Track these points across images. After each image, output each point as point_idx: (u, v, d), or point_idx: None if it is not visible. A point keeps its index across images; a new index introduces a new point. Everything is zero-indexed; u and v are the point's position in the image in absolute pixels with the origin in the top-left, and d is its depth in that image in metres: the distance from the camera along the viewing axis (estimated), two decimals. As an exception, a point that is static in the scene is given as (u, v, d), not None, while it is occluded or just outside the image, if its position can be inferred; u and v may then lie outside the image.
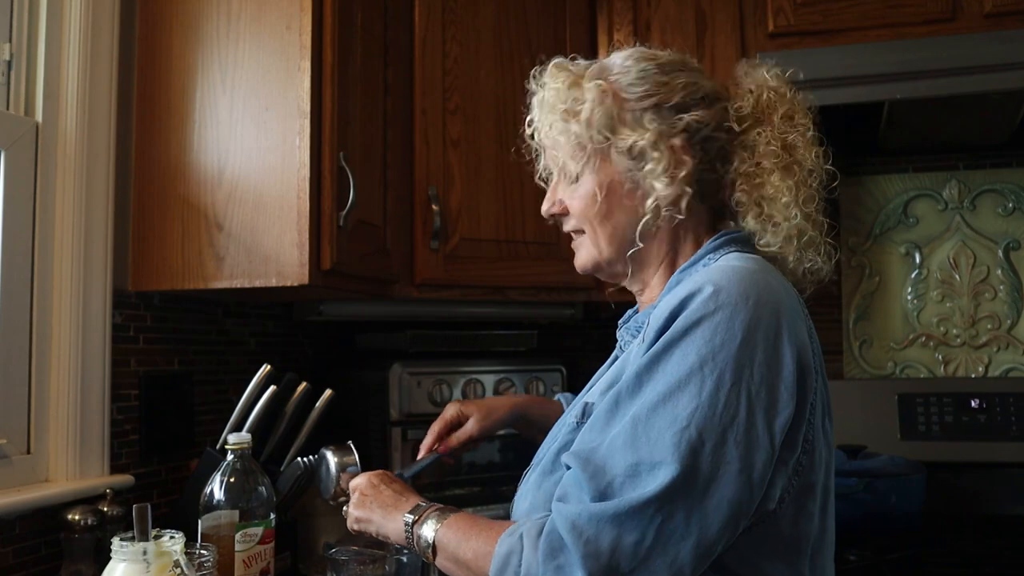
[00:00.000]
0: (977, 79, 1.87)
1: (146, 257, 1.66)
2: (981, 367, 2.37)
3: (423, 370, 2.01)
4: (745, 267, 0.97)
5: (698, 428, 0.87)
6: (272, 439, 1.68)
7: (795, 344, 0.92)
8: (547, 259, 2.06)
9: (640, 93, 1.07)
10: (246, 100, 1.62)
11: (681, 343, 0.91)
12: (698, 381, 0.88)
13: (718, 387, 0.88)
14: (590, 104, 1.07)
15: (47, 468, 1.52)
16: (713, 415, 0.87)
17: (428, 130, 1.93)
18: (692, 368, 0.89)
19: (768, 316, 0.91)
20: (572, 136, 1.08)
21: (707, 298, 0.91)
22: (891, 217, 2.44)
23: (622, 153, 1.06)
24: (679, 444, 0.86)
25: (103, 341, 1.60)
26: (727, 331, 0.89)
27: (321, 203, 1.59)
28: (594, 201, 1.09)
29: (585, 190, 1.10)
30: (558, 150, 1.11)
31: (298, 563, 1.77)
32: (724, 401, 0.88)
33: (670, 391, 0.89)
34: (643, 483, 0.86)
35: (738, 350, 0.89)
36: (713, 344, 0.89)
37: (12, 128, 1.49)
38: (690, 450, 0.86)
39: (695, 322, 0.91)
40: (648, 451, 0.87)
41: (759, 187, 1.06)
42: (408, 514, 1.08)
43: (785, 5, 2.05)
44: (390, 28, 1.87)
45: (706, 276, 0.95)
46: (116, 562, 1.04)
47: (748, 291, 0.92)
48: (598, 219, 1.10)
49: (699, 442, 0.86)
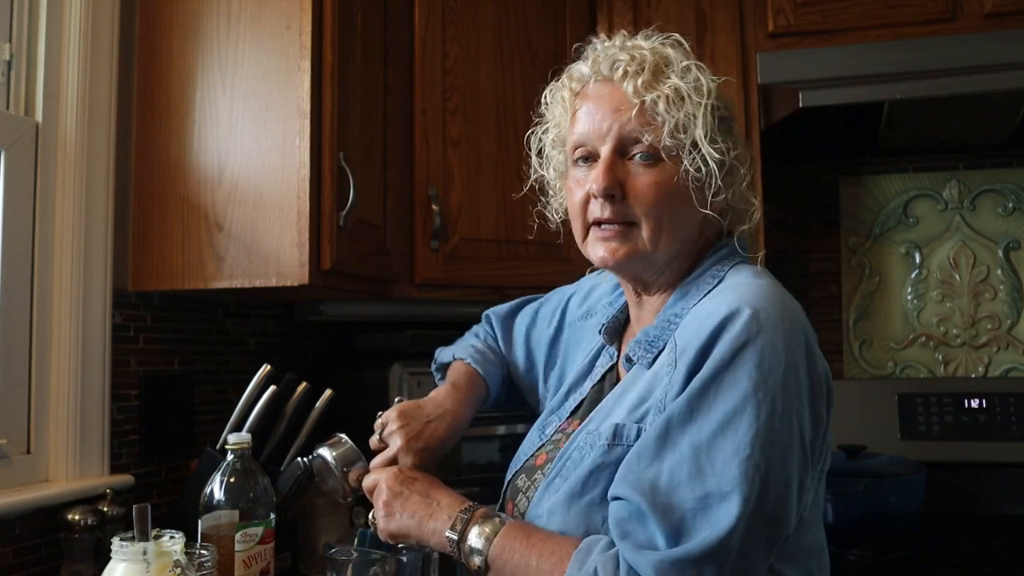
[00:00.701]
0: (977, 79, 1.87)
1: (146, 257, 1.66)
2: (981, 367, 2.37)
3: (423, 370, 2.01)
4: (766, 284, 0.99)
5: (763, 455, 0.87)
6: (272, 439, 1.68)
7: (821, 359, 0.96)
8: (547, 259, 2.05)
9: (723, 104, 1.07)
10: (246, 100, 1.62)
11: (731, 368, 0.90)
12: (753, 407, 0.89)
13: (772, 412, 0.89)
14: (708, 91, 1.02)
15: (47, 468, 1.52)
16: (772, 440, 0.88)
17: (428, 130, 1.93)
18: (746, 394, 0.89)
19: (801, 335, 0.94)
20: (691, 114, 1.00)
21: (748, 321, 0.91)
22: (891, 217, 2.44)
23: (720, 155, 1.01)
24: (747, 473, 0.86)
25: (103, 341, 1.60)
26: (772, 355, 0.90)
27: (321, 203, 1.59)
28: (678, 192, 1.02)
29: (669, 176, 1.02)
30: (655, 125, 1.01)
31: (298, 563, 1.77)
32: (779, 426, 0.89)
33: (728, 419, 0.89)
34: (716, 516, 0.86)
35: (784, 373, 0.90)
36: (763, 369, 0.90)
37: (12, 128, 1.49)
38: (757, 478, 0.87)
39: (741, 346, 0.91)
40: (716, 482, 0.87)
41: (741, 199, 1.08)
42: (450, 532, 1.02)
43: (785, 5, 2.05)
44: (390, 28, 1.87)
45: (737, 296, 0.95)
46: (116, 562, 1.04)
47: (783, 312, 0.94)
48: (671, 213, 1.03)
49: (764, 469, 0.87)
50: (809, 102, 1.96)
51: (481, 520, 1.01)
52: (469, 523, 1.01)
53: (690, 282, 1.06)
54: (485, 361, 1.36)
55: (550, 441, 1.17)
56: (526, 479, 1.13)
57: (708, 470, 0.88)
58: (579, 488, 0.99)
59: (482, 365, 1.36)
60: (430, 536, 1.04)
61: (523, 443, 1.23)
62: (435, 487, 1.09)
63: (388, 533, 1.09)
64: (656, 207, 1.02)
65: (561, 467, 1.05)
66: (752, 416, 0.88)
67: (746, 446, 0.87)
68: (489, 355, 1.39)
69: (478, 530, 1.00)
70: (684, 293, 1.05)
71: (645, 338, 1.05)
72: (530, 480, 1.12)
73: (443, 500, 1.06)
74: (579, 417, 1.15)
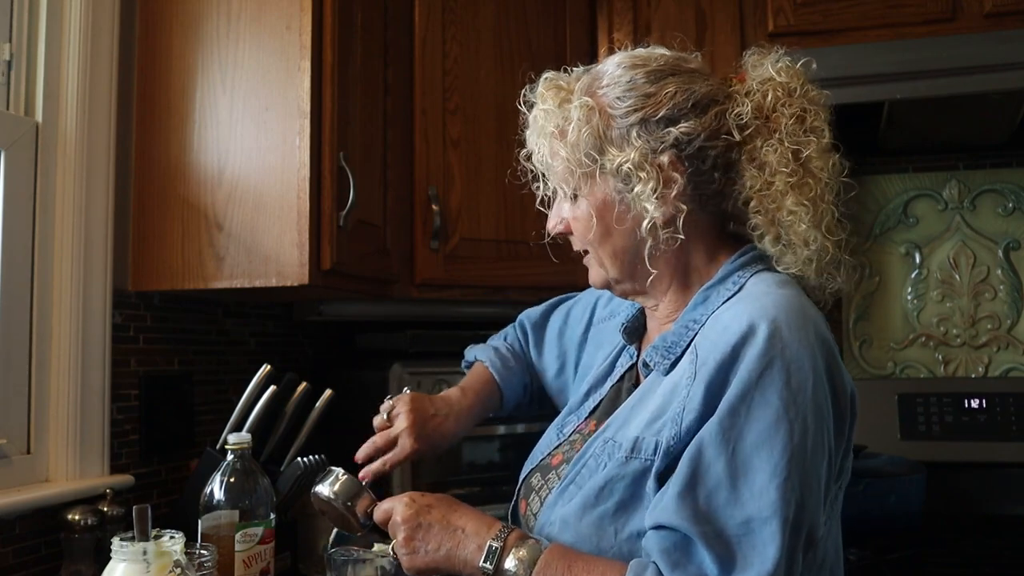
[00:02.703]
0: (977, 79, 1.87)
1: (146, 257, 1.66)
2: (981, 367, 2.37)
3: (423, 370, 2.01)
4: (788, 294, 0.97)
5: (798, 475, 0.87)
6: (272, 439, 1.68)
7: (846, 374, 0.95)
8: (547, 259, 2.05)
9: (625, 108, 1.02)
10: (246, 100, 1.62)
11: (759, 388, 0.89)
12: (786, 427, 0.88)
13: (805, 431, 0.88)
14: (576, 124, 1.03)
15: (47, 468, 1.52)
16: (805, 460, 0.88)
17: (428, 130, 1.93)
18: (778, 414, 0.88)
19: (825, 349, 0.93)
20: (562, 159, 1.05)
21: (771, 336, 0.90)
22: (891, 217, 2.44)
23: (611, 174, 1.02)
24: (785, 496, 0.86)
25: (103, 341, 1.60)
26: (800, 371, 0.89)
27: (321, 203, 1.59)
28: (590, 224, 1.05)
29: (581, 212, 1.07)
30: (551, 173, 1.09)
31: (298, 563, 1.77)
32: (811, 445, 0.88)
33: (761, 440, 0.88)
34: (762, 541, 0.85)
35: (813, 389, 0.89)
36: (792, 387, 0.89)
37: (12, 128, 1.49)
38: (794, 499, 0.86)
39: (768, 364, 0.89)
40: (756, 506, 0.86)
41: (775, 211, 1.01)
42: (484, 562, 0.97)
43: (785, 5, 2.05)
44: (390, 28, 1.87)
45: (758, 307, 0.93)
46: (116, 562, 1.04)
47: (805, 324, 0.92)
48: (597, 241, 1.07)
49: (800, 490, 0.87)
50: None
51: (516, 545, 0.97)
52: (503, 552, 0.97)
53: (711, 287, 1.04)
54: (504, 367, 1.39)
55: (567, 441, 1.16)
56: (540, 478, 1.12)
57: (747, 494, 0.87)
58: (593, 499, 0.98)
59: (500, 371, 1.38)
60: (461, 567, 1.00)
61: (541, 440, 1.22)
62: (454, 511, 1.04)
63: (415, 571, 1.03)
64: (583, 239, 1.09)
65: (576, 474, 1.03)
66: (786, 436, 0.88)
67: (783, 468, 0.87)
68: (510, 361, 1.40)
69: (514, 559, 0.96)
70: (704, 298, 1.03)
71: (663, 344, 1.03)
72: (544, 480, 1.11)
73: (468, 526, 1.01)
74: (597, 418, 1.14)
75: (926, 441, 2.23)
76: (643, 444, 0.96)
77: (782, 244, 1.02)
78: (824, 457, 0.91)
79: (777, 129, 1.02)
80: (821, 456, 0.90)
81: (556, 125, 1.05)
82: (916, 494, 1.99)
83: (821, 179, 1.02)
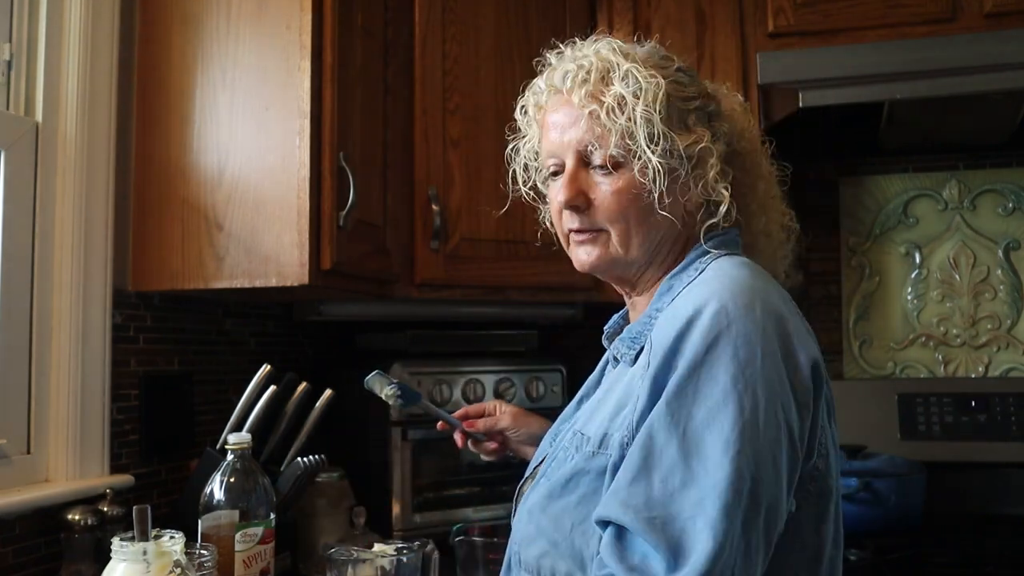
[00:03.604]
0: (977, 79, 1.87)
1: (146, 257, 1.66)
2: (981, 367, 2.37)
3: (423, 370, 2.01)
4: (741, 274, 0.96)
5: (752, 448, 0.85)
6: (272, 439, 1.68)
7: (805, 347, 0.92)
8: (547, 259, 2.05)
9: (689, 93, 1.04)
10: (246, 100, 1.62)
11: (705, 364, 0.88)
12: (735, 400, 0.86)
13: (756, 404, 0.86)
14: (658, 91, 1.00)
15: (47, 468, 1.52)
16: (757, 434, 0.85)
17: (428, 130, 1.93)
18: (726, 388, 0.86)
19: (775, 322, 0.91)
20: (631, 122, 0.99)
21: (716, 313, 0.89)
22: (891, 217, 2.44)
23: (677, 152, 1.01)
24: (739, 469, 0.84)
25: (103, 341, 1.60)
26: (747, 345, 0.88)
27: (321, 203, 1.59)
28: (640, 198, 1.01)
29: (629, 183, 1.02)
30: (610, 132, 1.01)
31: (298, 563, 1.77)
32: (764, 418, 0.86)
33: (711, 415, 0.86)
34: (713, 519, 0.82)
35: (762, 363, 0.87)
36: (739, 360, 0.87)
37: (12, 128, 1.49)
38: (749, 474, 0.84)
39: (713, 341, 0.88)
40: (710, 481, 0.84)
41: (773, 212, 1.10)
42: None
43: (785, 5, 2.05)
44: (390, 28, 1.87)
45: (707, 291, 0.93)
46: (116, 562, 1.04)
47: (753, 301, 0.91)
48: (635, 217, 1.03)
49: (754, 464, 0.84)
50: (809, 102, 1.96)
51: None
52: None
53: (674, 276, 1.04)
54: None
55: None
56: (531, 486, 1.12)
57: (700, 471, 0.85)
58: (557, 490, 0.98)
59: None
60: None
61: (537, 452, 1.22)
62: None
63: None
64: (619, 214, 1.03)
65: (547, 467, 1.05)
66: (735, 410, 0.85)
67: (734, 441, 0.84)
68: None
69: None
70: (669, 287, 1.03)
71: (628, 335, 1.05)
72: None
73: None
74: None
75: (926, 441, 2.23)
76: (609, 440, 0.96)
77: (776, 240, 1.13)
78: (781, 431, 0.87)
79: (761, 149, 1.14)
80: (776, 430, 0.87)
81: (628, 87, 1.00)
82: (916, 494, 1.99)
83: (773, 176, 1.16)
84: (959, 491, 2.20)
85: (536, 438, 1.31)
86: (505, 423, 1.37)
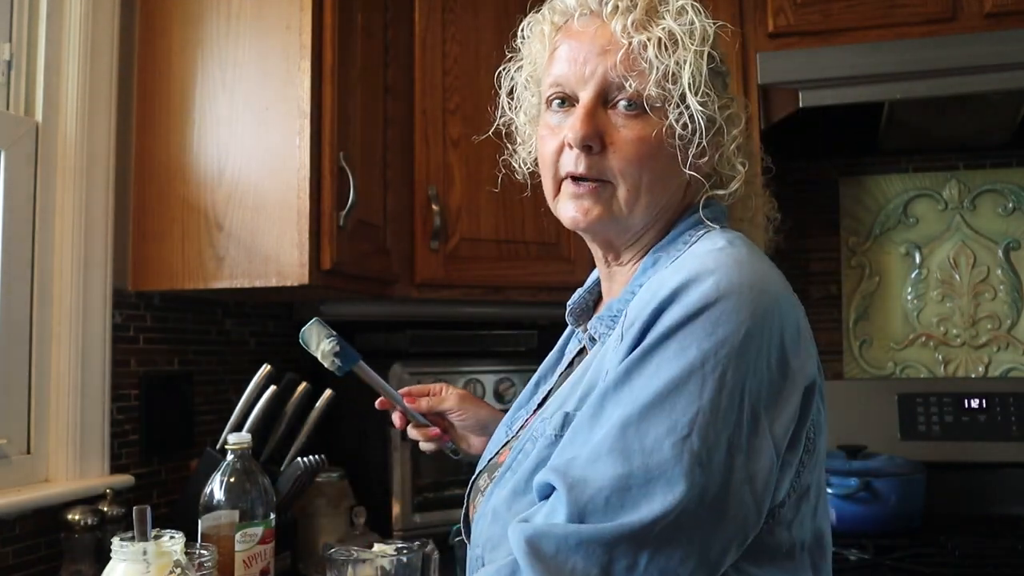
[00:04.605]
0: (977, 79, 1.87)
1: (146, 257, 1.67)
2: (981, 367, 2.37)
3: (423, 370, 2.01)
4: (737, 250, 0.86)
5: (701, 436, 0.75)
6: (272, 439, 1.68)
7: (798, 333, 0.83)
8: (547, 259, 2.05)
9: (720, 55, 0.94)
10: (246, 100, 1.62)
11: (678, 335, 0.78)
12: (698, 380, 0.76)
13: (720, 387, 0.76)
14: (704, 35, 0.90)
15: (47, 468, 1.52)
16: (716, 420, 0.75)
17: (428, 130, 1.93)
18: (692, 365, 0.76)
19: (770, 304, 0.80)
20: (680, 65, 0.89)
21: (708, 287, 0.79)
22: (891, 217, 2.44)
23: (708, 111, 0.90)
24: (681, 456, 0.74)
25: (103, 341, 1.60)
26: (730, 323, 0.77)
27: (321, 203, 1.59)
28: (660, 151, 0.90)
29: (653, 131, 0.90)
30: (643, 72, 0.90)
31: (298, 563, 1.77)
32: (727, 403, 0.76)
33: (667, 391, 0.76)
34: (635, 502, 0.74)
35: (741, 344, 0.77)
36: (715, 337, 0.77)
37: (12, 128, 1.49)
38: (694, 462, 0.74)
39: (694, 313, 0.78)
40: (642, 462, 0.75)
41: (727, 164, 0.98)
42: None
43: (785, 5, 2.05)
44: (390, 28, 1.87)
45: (699, 263, 0.83)
46: (116, 562, 1.04)
47: (749, 278, 0.81)
48: (654, 174, 0.91)
49: (703, 452, 0.75)
50: (809, 102, 1.96)
51: None
52: None
53: (660, 248, 0.94)
54: None
55: (515, 437, 1.05)
56: (487, 478, 1.03)
57: (636, 448, 0.75)
58: (522, 485, 0.88)
59: None
60: None
61: (489, 442, 1.13)
62: None
63: None
64: (637, 164, 0.91)
65: (513, 460, 0.94)
66: (695, 390, 0.76)
67: (684, 426, 0.75)
68: None
69: None
70: (654, 260, 0.94)
71: (608, 312, 0.95)
72: (490, 479, 1.02)
73: None
74: None
75: (926, 441, 2.23)
76: (571, 420, 0.86)
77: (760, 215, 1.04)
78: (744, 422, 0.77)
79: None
80: (739, 419, 0.77)
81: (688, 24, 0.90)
82: (916, 494, 1.99)
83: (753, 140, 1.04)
84: (959, 491, 2.20)
85: (482, 425, 1.25)
86: (450, 404, 1.25)
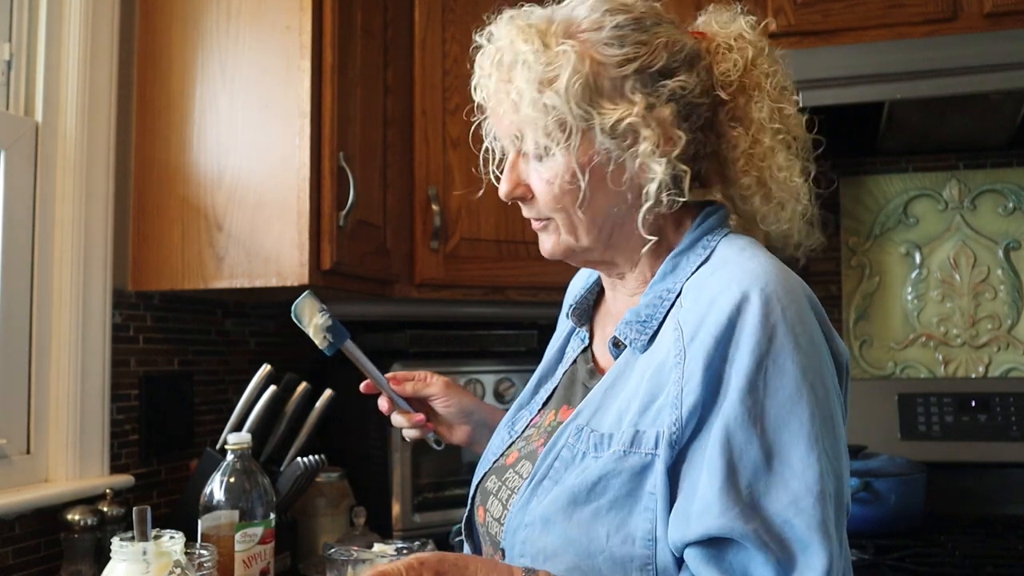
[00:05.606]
0: (977, 79, 1.87)
1: (146, 257, 1.67)
2: (981, 367, 2.37)
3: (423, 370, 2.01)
4: (767, 259, 0.91)
5: (827, 441, 0.83)
6: (272, 439, 1.68)
7: (835, 331, 0.91)
8: (547, 259, 2.05)
9: (620, 57, 0.92)
10: (246, 100, 1.62)
11: (770, 356, 0.83)
12: (808, 391, 0.83)
13: (826, 395, 0.85)
14: (568, 73, 0.90)
15: (47, 468, 1.52)
16: (827, 425, 0.84)
17: (428, 130, 1.93)
18: (797, 381, 0.83)
19: (816, 309, 0.89)
20: (547, 110, 0.91)
21: (766, 302, 0.84)
22: (891, 217, 2.44)
23: (604, 130, 0.91)
24: (824, 467, 0.82)
25: (103, 341, 1.60)
26: (804, 334, 0.84)
27: (321, 203, 1.59)
28: (573, 185, 0.93)
29: (558, 172, 0.93)
30: (525, 124, 0.93)
31: (298, 563, 1.77)
32: (827, 408, 0.84)
33: (787, 412, 0.82)
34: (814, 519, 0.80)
35: (816, 352, 0.85)
36: (802, 350, 0.84)
37: (12, 128, 1.49)
38: (832, 470, 0.83)
39: (772, 331, 0.83)
40: (801, 484, 0.81)
41: (766, 168, 0.98)
42: None
43: (785, 5, 2.05)
44: (390, 28, 1.87)
45: (743, 275, 0.87)
46: (116, 562, 1.05)
47: (793, 287, 0.87)
48: (577, 205, 0.94)
49: (831, 456, 0.83)
50: (809, 102, 1.95)
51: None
52: None
53: (679, 254, 0.97)
54: None
55: (521, 437, 1.07)
56: (496, 481, 1.03)
57: (788, 473, 0.81)
58: (584, 494, 0.89)
59: None
60: None
61: (491, 442, 1.12)
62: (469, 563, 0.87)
63: None
64: (556, 203, 0.95)
65: (549, 468, 0.94)
66: (810, 402, 0.82)
67: (815, 438, 0.82)
68: None
69: None
70: (674, 266, 0.96)
71: (636, 318, 0.96)
72: (501, 481, 1.02)
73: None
74: (554, 407, 1.07)
75: (926, 441, 2.23)
76: (643, 437, 0.87)
77: (775, 202, 0.99)
78: (838, 421, 0.87)
79: (758, 86, 0.99)
80: (834, 420, 0.86)
81: (539, 71, 0.91)
82: (916, 494, 1.99)
83: (799, 135, 1.00)
84: (959, 491, 2.20)
85: (466, 413, 1.24)
86: (434, 389, 1.24)
